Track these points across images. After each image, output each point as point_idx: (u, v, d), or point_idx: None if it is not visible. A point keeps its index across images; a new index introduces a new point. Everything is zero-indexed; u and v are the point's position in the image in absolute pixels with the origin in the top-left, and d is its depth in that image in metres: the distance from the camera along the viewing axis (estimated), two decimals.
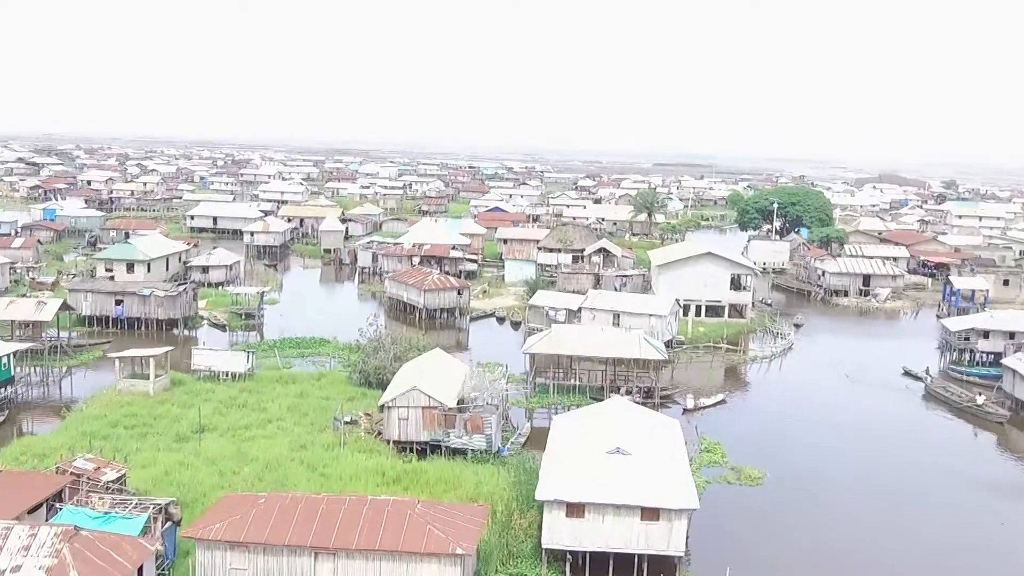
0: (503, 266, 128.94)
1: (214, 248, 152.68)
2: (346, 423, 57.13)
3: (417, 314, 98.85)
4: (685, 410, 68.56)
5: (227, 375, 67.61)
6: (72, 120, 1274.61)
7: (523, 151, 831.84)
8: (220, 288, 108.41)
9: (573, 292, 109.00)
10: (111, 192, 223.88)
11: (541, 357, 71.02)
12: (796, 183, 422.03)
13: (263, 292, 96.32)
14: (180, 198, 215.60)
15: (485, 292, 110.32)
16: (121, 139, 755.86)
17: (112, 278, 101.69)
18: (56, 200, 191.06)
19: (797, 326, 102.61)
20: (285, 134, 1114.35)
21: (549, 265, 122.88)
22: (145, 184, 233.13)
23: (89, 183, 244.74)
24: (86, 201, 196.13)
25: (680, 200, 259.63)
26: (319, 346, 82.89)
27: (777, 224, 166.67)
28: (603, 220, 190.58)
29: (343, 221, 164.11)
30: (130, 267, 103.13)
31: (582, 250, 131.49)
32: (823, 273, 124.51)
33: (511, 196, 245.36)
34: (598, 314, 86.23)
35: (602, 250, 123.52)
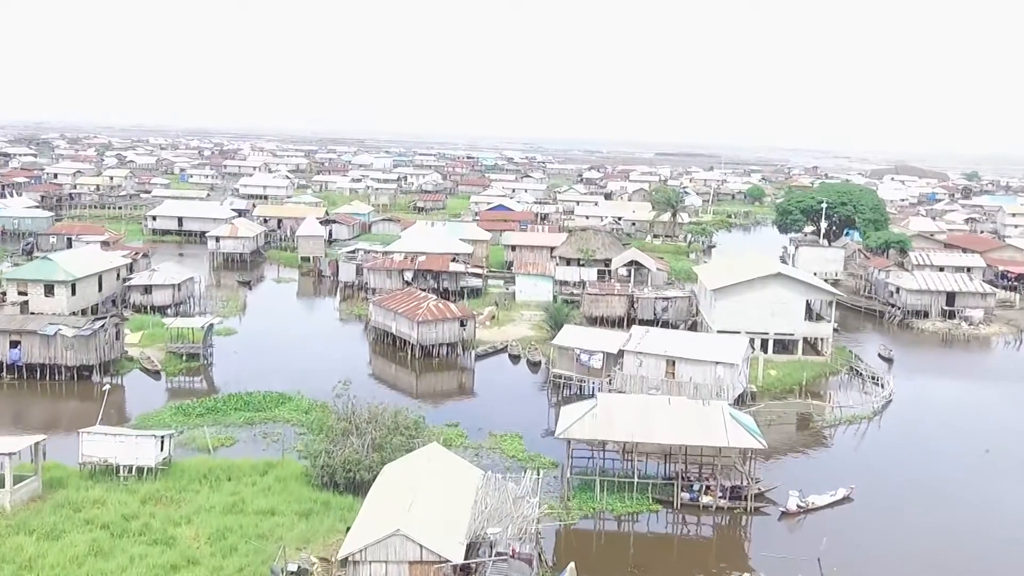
0: (512, 278, 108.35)
1: (180, 255, 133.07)
2: (291, 574, 36.53)
3: (409, 350, 78.21)
4: (784, 513, 48.15)
5: (130, 471, 46.86)
6: (68, 108, 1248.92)
7: (521, 140, 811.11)
8: (169, 314, 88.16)
9: (602, 319, 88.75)
10: (74, 187, 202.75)
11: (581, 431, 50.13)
12: (810, 175, 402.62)
13: (211, 324, 75.30)
14: (149, 193, 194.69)
15: (494, 319, 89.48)
16: (113, 127, 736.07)
17: (26, 304, 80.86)
18: (10, 196, 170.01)
19: (886, 360, 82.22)
20: (282, 123, 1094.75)
21: (569, 282, 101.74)
22: (112, 178, 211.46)
23: (56, 176, 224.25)
24: (42, 198, 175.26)
25: (697, 194, 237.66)
26: (276, 406, 61.96)
27: (823, 226, 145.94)
28: (620, 219, 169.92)
29: (326, 222, 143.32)
30: (49, 289, 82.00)
31: (606, 261, 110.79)
32: (897, 290, 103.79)
33: (514, 191, 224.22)
34: (646, 359, 65.52)
35: (632, 262, 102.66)
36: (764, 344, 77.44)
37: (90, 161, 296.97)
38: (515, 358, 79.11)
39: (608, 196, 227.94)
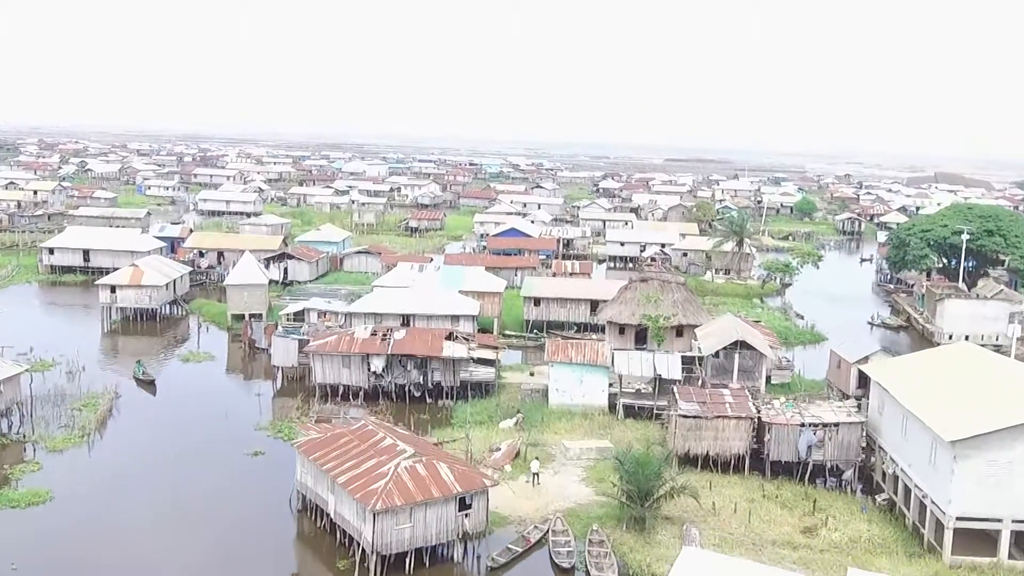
0: (535, 344, 71.45)
1: (85, 306, 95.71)
2: None
3: (359, 552, 40.41)
4: None
5: None
6: (69, 113, 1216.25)
7: (524, 145, 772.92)
8: None
9: (706, 460, 50.98)
10: None
11: None
12: (845, 183, 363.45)
13: None
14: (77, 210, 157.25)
15: (518, 456, 51.53)
16: (108, 132, 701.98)
17: None
18: None
19: None
20: (281, 127, 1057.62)
21: (635, 376, 63.10)
22: (36, 192, 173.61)
23: None
24: None
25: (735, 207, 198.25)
26: None
27: (940, 264, 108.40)
28: (664, 247, 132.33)
29: (280, 258, 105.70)
30: None
31: (681, 329, 73.17)
32: None
33: (525, 206, 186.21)
34: None
35: (738, 344, 64.25)
36: (1019, 540, 39.74)
37: (47, 169, 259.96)
38: (566, 572, 41.03)
39: (636, 212, 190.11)
